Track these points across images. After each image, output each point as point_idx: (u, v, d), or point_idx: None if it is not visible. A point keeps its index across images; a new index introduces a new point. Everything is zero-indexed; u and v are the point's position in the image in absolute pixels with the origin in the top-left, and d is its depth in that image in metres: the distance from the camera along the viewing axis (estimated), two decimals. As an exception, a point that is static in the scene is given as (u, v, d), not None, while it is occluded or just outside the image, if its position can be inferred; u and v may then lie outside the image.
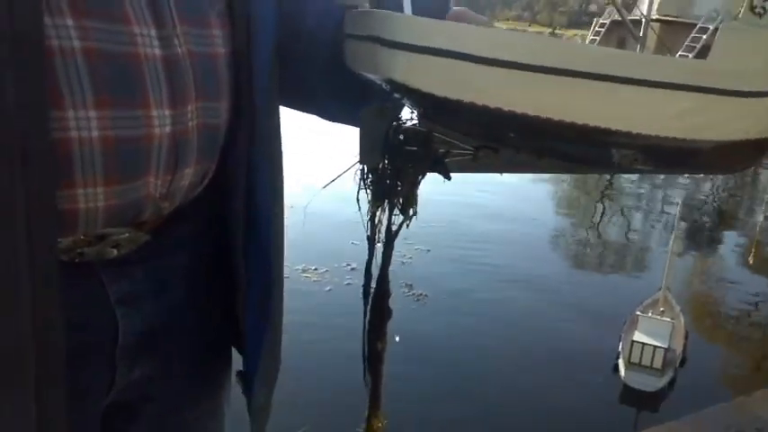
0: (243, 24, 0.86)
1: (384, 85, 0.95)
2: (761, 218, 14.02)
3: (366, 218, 1.05)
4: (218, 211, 0.92)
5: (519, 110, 1.08)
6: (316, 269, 7.87)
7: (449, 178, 1.04)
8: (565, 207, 13.67)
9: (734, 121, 1.95)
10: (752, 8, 2.88)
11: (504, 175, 1.54)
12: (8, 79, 0.59)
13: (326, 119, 1.13)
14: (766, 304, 9.31)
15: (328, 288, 7.48)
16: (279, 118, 1.01)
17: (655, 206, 14.20)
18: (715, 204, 15.41)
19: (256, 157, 0.91)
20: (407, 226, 1.08)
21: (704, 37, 2.89)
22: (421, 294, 7.47)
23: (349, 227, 7.85)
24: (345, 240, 8.07)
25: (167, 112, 0.74)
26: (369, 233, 1.07)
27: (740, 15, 2.82)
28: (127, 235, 0.79)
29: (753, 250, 10.89)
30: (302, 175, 7.49)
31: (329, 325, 6.29)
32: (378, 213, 1.06)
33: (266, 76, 0.91)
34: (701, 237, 12.88)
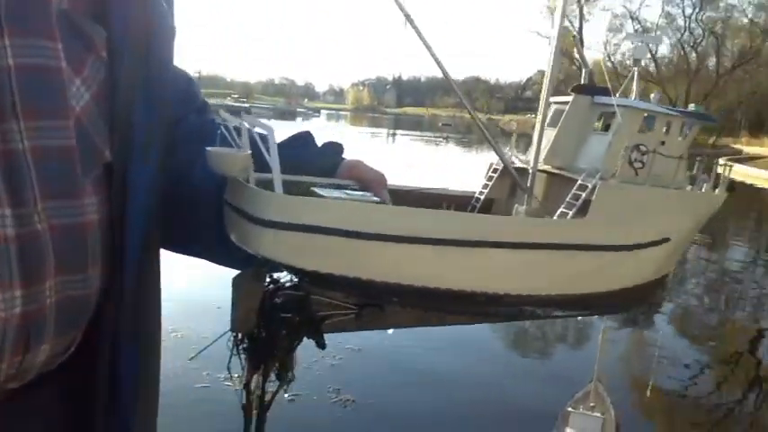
0: (119, 187, 0.84)
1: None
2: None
3: (239, 386, 1.01)
4: (79, 377, 0.86)
5: (391, 280, 1.04)
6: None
7: (322, 347, 1.01)
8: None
9: (616, 272, 1.98)
10: (630, 162, 3.03)
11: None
12: None
13: (213, 262, 1.09)
14: (703, 378, 9.36)
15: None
16: (155, 283, 0.97)
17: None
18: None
19: (123, 322, 0.87)
20: (285, 391, 1.05)
21: (583, 195, 2.99)
22: (348, 400, 7.16)
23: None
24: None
25: (18, 293, 0.71)
26: (243, 401, 1.02)
27: (616, 174, 2.96)
28: None
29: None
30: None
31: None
32: (254, 380, 1.01)
33: (140, 238, 0.87)
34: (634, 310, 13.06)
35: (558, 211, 2.51)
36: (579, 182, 2.74)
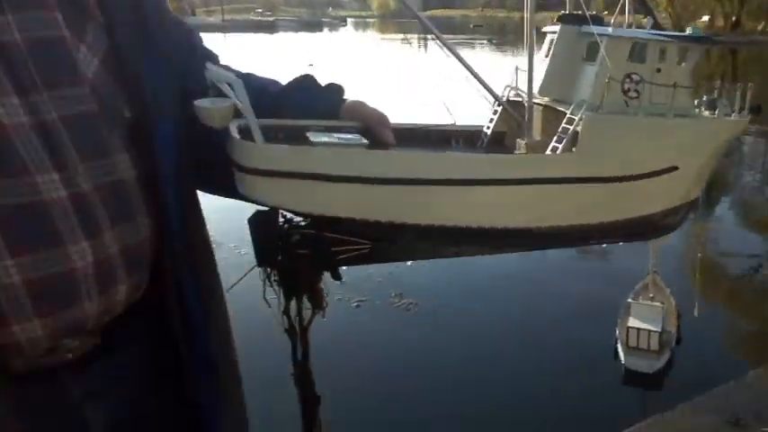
0: (144, 140, 0.90)
1: None
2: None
3: (279, 312, 1.10)
4: (157, 308, 0.97)
5: (395, 220, 1.11)
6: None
7: (339, 280, 1.10)
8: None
9: (612, 204, 2.00)
10: (624, 92, 2.84)
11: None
12: None
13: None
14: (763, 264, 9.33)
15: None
16: (199, 223, 1.07)
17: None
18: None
19: (179, 264, 0.96)
20: (323, 316, 1.12)
21: (571, 128, 2.83)
22: (411, 303, 7.40)
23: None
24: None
25: (85, 245, 0.81)
26: (286, 326, 1.11)
27: (603, 103, 2.81)
28: (78, 342, 0.86)
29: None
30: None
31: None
32: (292, 305, 1.10)
33: (173, 189, 0.94)
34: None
35: (550, 146, 2.52)
36: (567, 115, 2.72)
